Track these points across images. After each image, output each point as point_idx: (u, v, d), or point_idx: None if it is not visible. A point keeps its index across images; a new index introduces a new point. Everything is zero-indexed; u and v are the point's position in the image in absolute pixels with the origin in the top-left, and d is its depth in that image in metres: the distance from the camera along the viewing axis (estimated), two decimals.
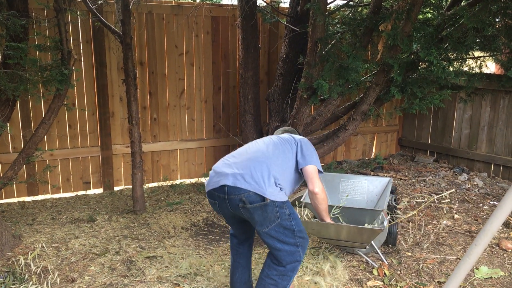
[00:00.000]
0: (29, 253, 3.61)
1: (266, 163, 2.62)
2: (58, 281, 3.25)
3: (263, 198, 2.50)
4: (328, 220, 3.10)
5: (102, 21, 4.38)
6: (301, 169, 2.79)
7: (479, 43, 4.82)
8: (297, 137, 2.95)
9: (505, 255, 3.76)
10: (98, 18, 4.34)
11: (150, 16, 5.25)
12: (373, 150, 6.98)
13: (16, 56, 3.56)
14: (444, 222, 4.42)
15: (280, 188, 2.61)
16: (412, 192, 5.31)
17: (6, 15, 3.42)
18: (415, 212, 3.94)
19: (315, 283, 3.25)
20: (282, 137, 2.92)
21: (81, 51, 4.99)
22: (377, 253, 3.64)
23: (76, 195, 5.21)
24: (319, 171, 2.81)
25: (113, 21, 4.78)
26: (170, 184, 5.63)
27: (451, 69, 4.81)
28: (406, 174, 6.03)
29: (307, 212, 3.82)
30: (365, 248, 3.59)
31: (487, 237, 1.46)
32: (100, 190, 5.37)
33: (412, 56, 4.71)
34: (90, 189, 5.34)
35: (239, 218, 2.75)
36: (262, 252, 3.76)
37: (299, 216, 2.79)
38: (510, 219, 4.35)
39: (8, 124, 3.99)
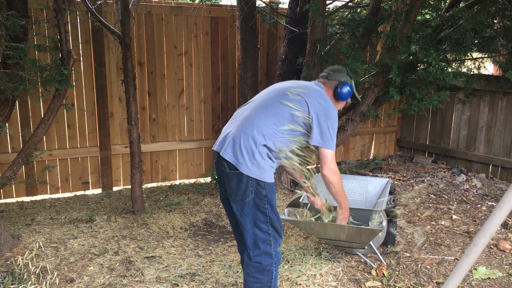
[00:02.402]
0: (28, 253, 3.61)
1: (250, 134, 2.54)
2: (57, 281, 3.25)
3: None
4: (345, 202, 2.93)
5: (101, 21, 4.38)
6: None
7: (478, 44, 4.83)
8: (316, 104, 2.64)
9: (503, 255, 3.77)
10: (97, 18, 4.35)
11: (149, 17, 5.25)
12: (372, 151, 6.99)
13: (16, 56, 3.57)
14: (443, 222, 4.43)
15: (264, 162, 2.53)
16: (410, 193, 5.32)
17: (6, 15, 3.43)
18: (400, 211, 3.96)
19: (314, 283, 3.25)
20: (301, 92, 2.67)
21: (80, 51, 4.99)
22: (376, 254, 3.65)
23: (75, 195, 5.21)
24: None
25: (113, 22, 4.79)
26: (169, 184, 5.63)
27: (449, 70, 4.83)
28: (404, 174, 6.04)
29: (307, 212, 3.83)
30: (363, 248, 3.60)
31: (486, 237, 1.47)
32: (99, 190, 5.37)
33: (411, 57, 4.72)
34: (89, 189, 5.34)
35: (227, 198, 2.72)
36: None
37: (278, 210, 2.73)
38: (508, 220, 4.37)
39: (7, 124, 3.99)
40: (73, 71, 4.06)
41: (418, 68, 4.86)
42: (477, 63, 5.18)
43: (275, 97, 2.70)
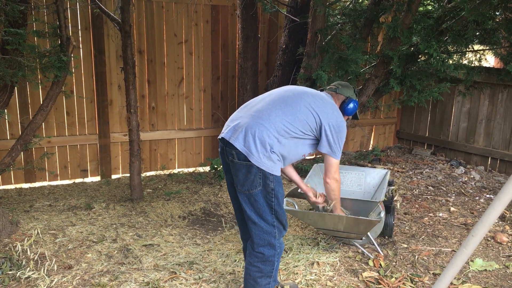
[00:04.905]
0: (26, 239, 3.61)
1: (266, 126, 2.56)
2: (55, 267, 3.26)
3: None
4: (338, 210, 3.14)
5: (101, 8, 4.35)
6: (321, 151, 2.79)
7: (479, 36, 4.82)
8: (330, 116, 2.74)
9: (500, 248, 3.79)
10: (97, 5, 4.31)
11: (149, 4, 5.22)
12: (371, 142, 6.99)
13: (15, 42, 3.54)
14: (440, 214, 4.45)
15: (274, 155, 2.56)
16: (409, 184, 5.32)
17: (5, 1, 3.40)
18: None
19: (311, 273, 3.27)
20: (314, 99, 2.77)
21: (80, 38, 4.96)
22: (373, 244, 3.66)
23: (74, 182, 5.21)
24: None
25: (112, 8, 4.75)
26: (167, 173, 5.63)
27: (450, 62, 4.82)
28: (403, 166, 6.04)
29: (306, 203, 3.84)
30: (361, 239, 3.61)
31: (484, 228, 1.47)
32: (97, 178, 5.37)
33: (412, 48, 4.71)
34: (87, 176, 5.34)
35: (233, 186, 2.74)
36: None
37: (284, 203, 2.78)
38: (506, 212, 4.38)
39: (6, 110, 3.98)
40: (72, 58, 4.03)
41: (419, 60, 4.85)
42: (478, 55, 5.17)
43: (293, 97, 2.74)
